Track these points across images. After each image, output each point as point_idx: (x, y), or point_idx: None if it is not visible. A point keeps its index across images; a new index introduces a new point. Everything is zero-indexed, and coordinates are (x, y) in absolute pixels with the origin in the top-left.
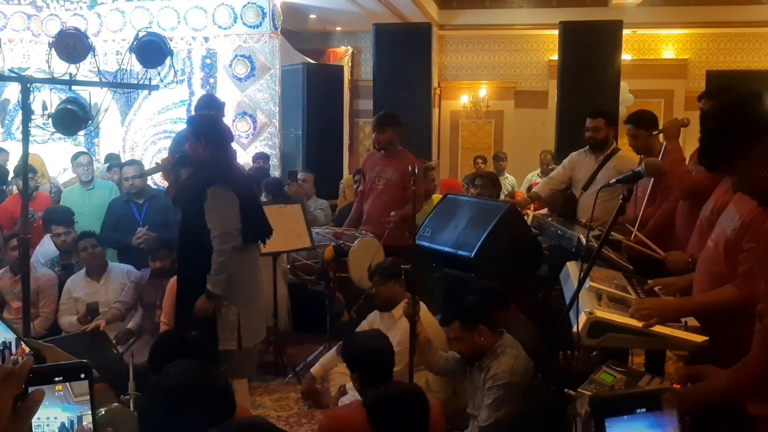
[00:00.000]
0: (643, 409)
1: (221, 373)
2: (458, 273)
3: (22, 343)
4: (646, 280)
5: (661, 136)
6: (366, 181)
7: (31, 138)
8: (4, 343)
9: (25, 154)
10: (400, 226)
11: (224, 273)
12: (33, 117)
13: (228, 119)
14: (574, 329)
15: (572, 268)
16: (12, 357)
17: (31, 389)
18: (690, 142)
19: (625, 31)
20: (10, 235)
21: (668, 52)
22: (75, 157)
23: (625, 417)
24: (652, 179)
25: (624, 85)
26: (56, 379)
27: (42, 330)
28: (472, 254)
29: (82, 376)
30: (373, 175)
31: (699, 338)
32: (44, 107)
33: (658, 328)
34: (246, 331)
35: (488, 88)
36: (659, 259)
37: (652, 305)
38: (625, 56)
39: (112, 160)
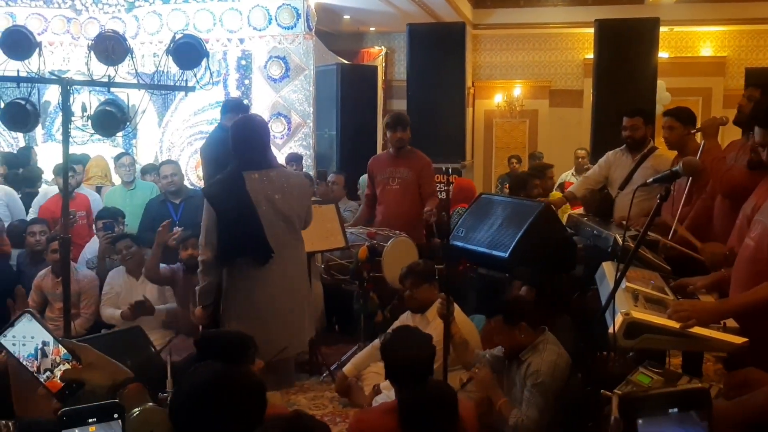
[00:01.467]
0: (675, 410)
1: (250, 370)
2: (493, 273)
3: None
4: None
5: (698, 134)
6: (375, 183)
7: (70, 139)
8: (44, 341)
9: (66, 155)
10: (416, 226)
11: (203, 283)
12: (73, 118)
13: None
14: (610, 330)
15: (608, 269)
16: (49, 357)
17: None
18: (728, 140)
19: (662, 29)
20: (51, 237)
21: (706, 50)
22: (117, 158)
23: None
24: (690, 178)
25: (661, 84)
26: (90, 420)
27: (83, 330)
28: (507, 254)
29: (115, 416)
30: (385, 177)
31: (738, 340)
32: (84, 109)
33: (697, 330)
34: None
35: (522, 87)
36: (697, 258)
37: (691, 307)
38: (662, 54)
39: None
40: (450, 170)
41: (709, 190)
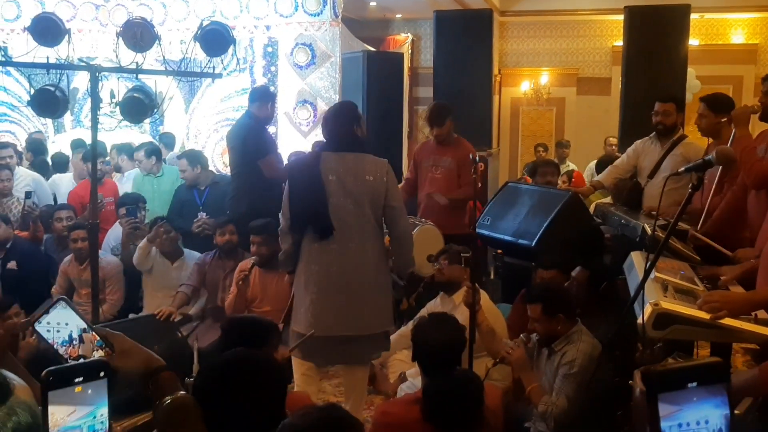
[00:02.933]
0: (695, 384)
1: (272, 355)
2: (518, 262)
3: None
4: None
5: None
6: (420, 170)
7: (99, 126)
8: (78, 328)
9: (94, 141)
10: (460, 214)
11: (282, 251)
12: (101, 105)
13: (289, 107)
14: (639, 320)
15: (636, 258)
16: (84, 344)
17: None
18: (759, 129)
19: (693, 15)
20: (73, 226)
21: (737, 37)
22: (138, 148)
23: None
24: (720, 168)
25: (691, 71)
26: (76, 380)
27: (110, 315)
28: (533, 243)
29: (102, 374)
30: (429, 164)
31: None
32: (112, 96)
33: (727, 321)
34: (294, 317)
35: (550, 74)
36: (725, 253)
37: (722, 297)
38: (693, 41)
39: (167, 139)
40: (477, 158)
41: (739, 182)
